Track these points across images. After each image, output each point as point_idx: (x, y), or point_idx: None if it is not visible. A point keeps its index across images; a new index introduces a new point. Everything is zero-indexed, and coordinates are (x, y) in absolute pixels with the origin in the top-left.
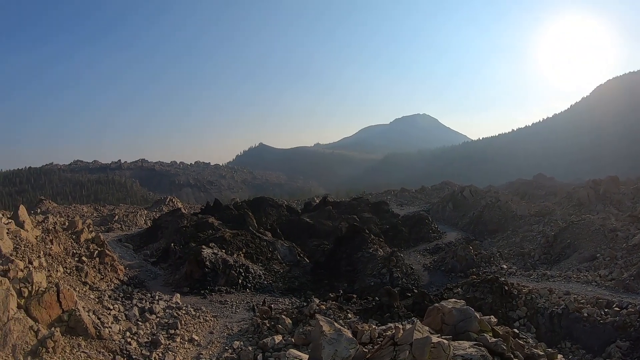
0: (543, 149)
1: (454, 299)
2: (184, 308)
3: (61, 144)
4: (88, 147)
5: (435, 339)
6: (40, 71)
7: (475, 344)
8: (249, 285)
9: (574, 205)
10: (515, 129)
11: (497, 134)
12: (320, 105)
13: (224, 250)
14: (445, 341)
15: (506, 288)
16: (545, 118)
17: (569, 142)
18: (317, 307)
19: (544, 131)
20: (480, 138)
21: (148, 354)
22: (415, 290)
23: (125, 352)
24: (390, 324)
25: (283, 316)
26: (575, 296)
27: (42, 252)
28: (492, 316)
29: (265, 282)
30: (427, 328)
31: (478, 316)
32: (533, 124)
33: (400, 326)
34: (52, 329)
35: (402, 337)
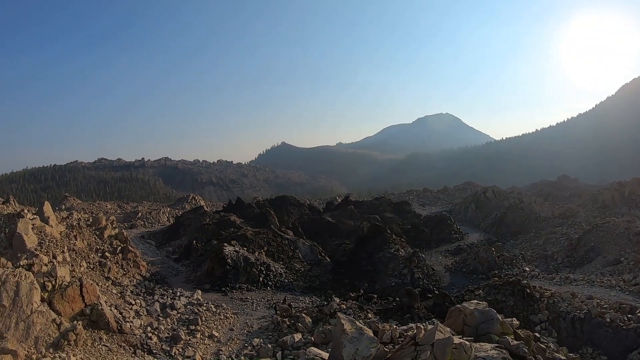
0: (567, 150)
1: (475, 301)
2: (204, 304)
3: (85, 142)
4: (112, 145)
5: (457, 339)
6: (65, 70)
7: (496, 346)
8: (270, 283)
9: (599, 208)
10: (539, 129)
11: (520, 134)
12: (342, 105)
13: (245, 248)
14: (467, 342)
15: (528, 291)
16: (569, 118)
17: (593, 142)
18: (338, 307)
19: (569, 131)
20: (504, 138)
21: (168, 348)
22: (436, 292)
23: (145, 346)
24: (411, 324)
25: (303, 315)
26: (598, 301)
27: (66, 248)
28: (514, 319)
29: (286, 281)
30: (448, 329)
31: (500, 318)
32: (557, 124)
33: (422, 326)
34: (75, 322)
35: (424, 338)
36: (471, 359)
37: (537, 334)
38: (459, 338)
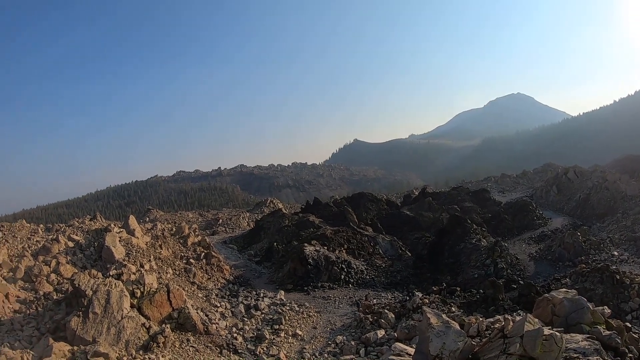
0: None
1: (564, 289)
2: (287, 304)
3: (163, 157)
4: (189, 158)
5: (547, 331)
6: (138, 90)
7: (588, 337)
8: (352, 280)
9: None
10: (617, 100)
11: (598, 107)
12: (411, 96)
13: (325, 247)
14: (557, 334)
15: (617, 277)
16: None
17: None
18: (420, 301)
19: None
20: (581, 113)
21: (253, 348)
22: (521, 282)
23: (231, 346)
24: (498, 317)
25: (386, 311)
26: None
27: (152, 256)
28: (606, 307)
29: (368, 277)
30: (537, 320)
31: (591, 307)
32: (636, 92)
33: (510, 318)
34: (163, 325)
35: (512, 330)
36: (562, 350)
37: (628, 324)
38: (549, 329)
